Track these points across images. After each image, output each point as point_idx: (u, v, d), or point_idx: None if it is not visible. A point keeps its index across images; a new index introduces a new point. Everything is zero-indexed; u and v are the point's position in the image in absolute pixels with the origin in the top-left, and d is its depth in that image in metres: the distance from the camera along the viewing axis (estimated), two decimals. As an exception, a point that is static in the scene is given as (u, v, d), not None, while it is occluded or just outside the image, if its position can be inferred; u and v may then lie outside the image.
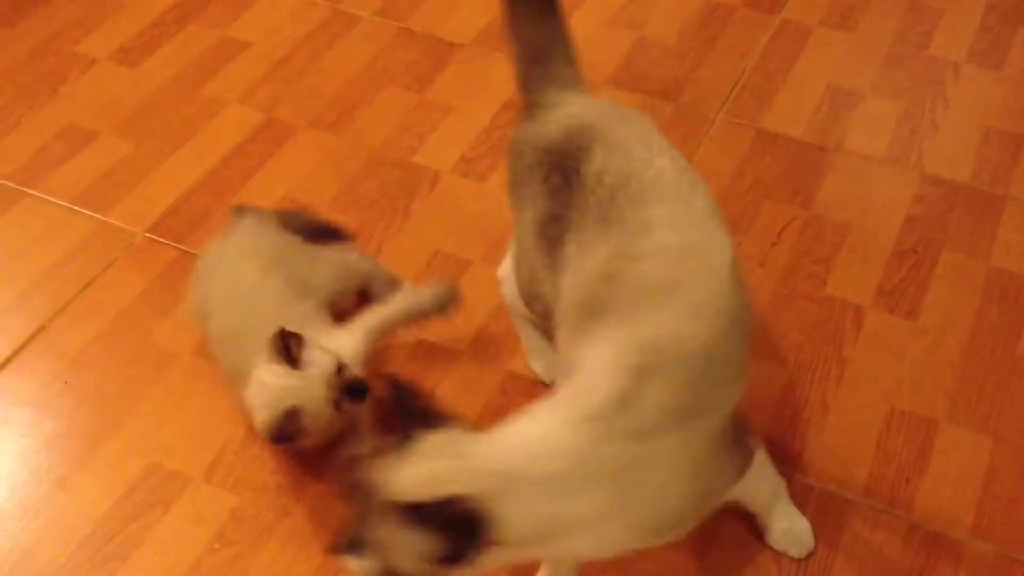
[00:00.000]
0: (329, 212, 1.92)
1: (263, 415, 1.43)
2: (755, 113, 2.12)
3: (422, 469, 1.03)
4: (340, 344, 1.52)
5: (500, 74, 2.22)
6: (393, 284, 1.75)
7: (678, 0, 2.40)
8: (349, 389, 1.46)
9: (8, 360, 1.71)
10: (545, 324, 1.40)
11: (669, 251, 1.19)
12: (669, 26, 2.33)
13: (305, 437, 1.45)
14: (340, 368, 1.46)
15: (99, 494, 1.54)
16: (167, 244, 1.88)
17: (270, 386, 1.43)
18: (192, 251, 1.85)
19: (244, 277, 1.58)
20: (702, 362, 1.12)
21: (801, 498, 1.52)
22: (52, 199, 1.95)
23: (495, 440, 1.08)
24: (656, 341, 1.11)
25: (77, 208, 1.94)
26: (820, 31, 2.32)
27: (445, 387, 1.66)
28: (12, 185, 1.98)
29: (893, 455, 1.58)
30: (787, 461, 1.56)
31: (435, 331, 1.72)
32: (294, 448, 1.51)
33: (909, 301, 1.78)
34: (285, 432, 1.43)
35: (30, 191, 1.97)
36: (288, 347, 1.43)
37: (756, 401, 1.64)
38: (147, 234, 1.90)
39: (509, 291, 1.55)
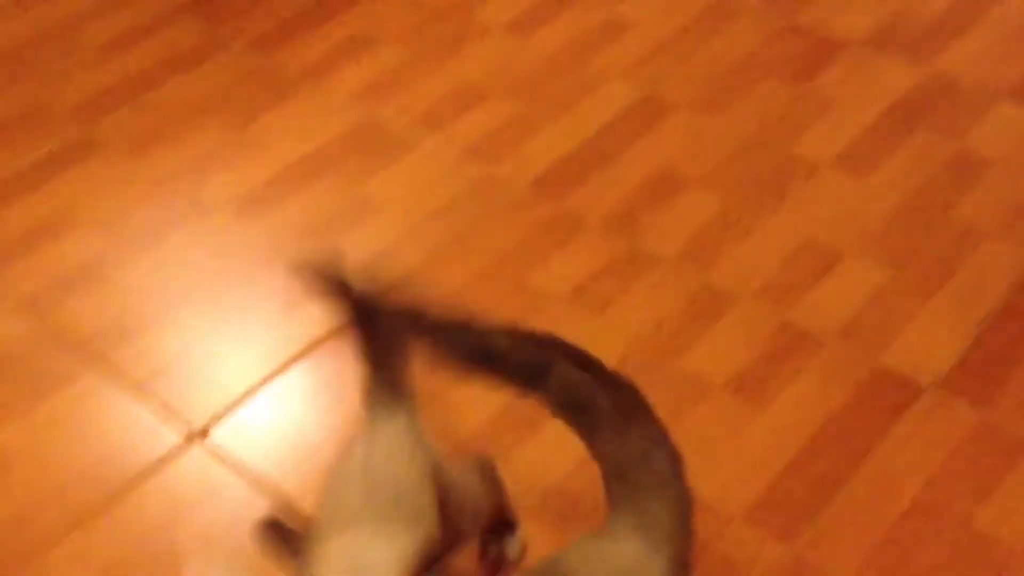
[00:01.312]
0: (697, 191, 1.93)
1: None
2: None
3: None
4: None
5: (888, 76, 2.14)
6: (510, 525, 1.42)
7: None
8: None
9: (397, 285, 1.86)
10: None
11: None
12: (1084, 40, 2.16)
13: None
14: None
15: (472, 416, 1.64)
16: (545, 200, 1.96)
17: None
18: (569, 209, 1.92)
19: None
20: None
21: None
22: (446, 147, 2.10)
23: None
24: None
25: (467, 158, 2.07)
26: None
27: (805, 379, 1.62)
28: (412, 131, 2.15)
29: None
30: None
31: (806, 315, 1.69)
32: None
33: None
34: None
35: (428, 138, 2.12)
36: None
37: None
38: (529, 188, 1.99)
39: None
